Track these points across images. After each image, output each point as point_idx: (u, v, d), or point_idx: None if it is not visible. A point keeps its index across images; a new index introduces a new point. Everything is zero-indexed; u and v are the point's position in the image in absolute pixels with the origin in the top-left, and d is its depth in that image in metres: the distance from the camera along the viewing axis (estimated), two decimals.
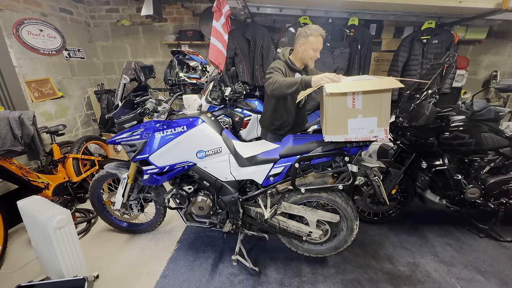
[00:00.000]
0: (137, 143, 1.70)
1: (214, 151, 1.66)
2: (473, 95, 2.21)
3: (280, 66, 1.86)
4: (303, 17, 3.21)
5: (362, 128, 1.36)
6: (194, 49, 3.77)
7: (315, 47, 1.83)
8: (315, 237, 1.76)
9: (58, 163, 2.60)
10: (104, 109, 3.64)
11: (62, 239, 1.53)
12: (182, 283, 1.74)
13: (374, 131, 1.36)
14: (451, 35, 3.13)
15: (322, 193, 1.67)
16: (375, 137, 1.37)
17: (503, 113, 1.96)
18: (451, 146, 1.97)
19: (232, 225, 1.78)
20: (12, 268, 1.87)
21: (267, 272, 1.83)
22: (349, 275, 1.80)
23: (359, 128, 1.36)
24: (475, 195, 2.02)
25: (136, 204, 2.03)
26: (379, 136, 1.37)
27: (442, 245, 2.11)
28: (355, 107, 1.33)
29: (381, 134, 1.36)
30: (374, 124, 1.34)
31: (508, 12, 2.55)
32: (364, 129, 1.36)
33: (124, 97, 2.28)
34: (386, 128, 1.35)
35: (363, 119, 1.34)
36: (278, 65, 1.87)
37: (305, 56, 1.88)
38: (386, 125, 1.34)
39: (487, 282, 1.76)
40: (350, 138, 1.39)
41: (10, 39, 2.74)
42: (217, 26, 2.45)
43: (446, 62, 1.86)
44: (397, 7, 2.75)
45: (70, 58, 3.51)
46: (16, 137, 2.00)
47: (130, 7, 3.85)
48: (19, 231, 2.26)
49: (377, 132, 1.36)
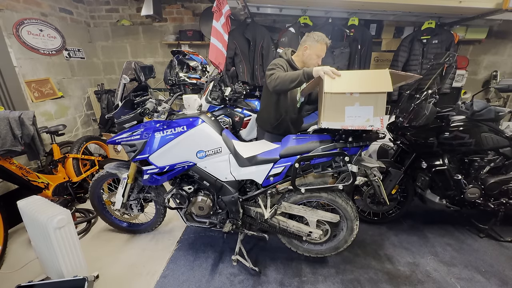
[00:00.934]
0: (137, 143, 1.70)
1: (214, 151, 1.66)
2: (473, 95, 2.21)
3: (283, 64, 1.87)
4: (303, 17, 3.21)
5: (358, 116, 1.38)
6: (194, 49, 3.77)
7: (319, 54, 1.87)
8: (315, 237, 1.76)
9: (58, 163, 2.60)
10: (104, 109, 3.64)
11: (62, 239, 1.53)
12: (182, 283, 1.74)
13: (370, 120, 1.37)
14: (451, 35, 3.13)
15: (322, 193, 1.67)
16: (371, 126, 1.38)
17: (503, 113, 1.96)
18: (451, 146, 1.97)
19: (232, 225, 1.78)
20: (12, 268, 1.87)
21: (267, 272, 1.83)
22: (349, 275, 1.80)
23: (356, 116, 1.38)
24: (475, 195, 2.02)
25: (136, 204, 2.03)
26: (374, 125, 1.37)
27: (442, 245, 2.11)
28: (353, 95, 1.36)
29: (376, 123, 1.37)
30: (370, 113, 1.36)
31: (508, 12, 2.56)
32: (360, 117, 1.38)
33: (124, 97, 2.28)
34: (381, 118, 1.36)
35: (360, 107, 1.36)
36: (281, 62, 1.87)
37: (309, 61, 1.90)
38: (381, 115, 1.36)
39: (487, 282, 1.76)
40: (347, 125, 1.41)
41: (10, 39, 2.74)
42: (217, 26, 2.45)
43: (446, 62, 1.86)
44: (397, 7, 2.76)
45: (70, 58, 3.51)
46: (16, 137, 2.00)
47: (130, 7, 3.85)
48: (19, 231, 2.26)
49: (373, 121, 1.37)
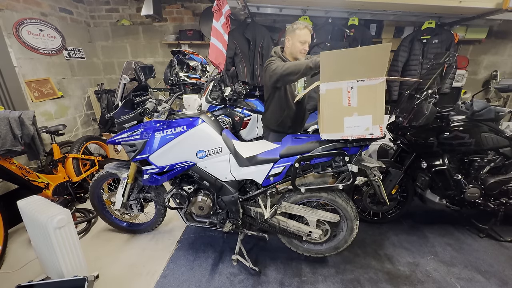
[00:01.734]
0: (137, 143, 1.70)
1: (214, 151, 1.66)
2: (473, 95, 2.21)
3: (277, 60, 1.89)
4: (303, 17, 3.21)
5: (357, 126, 1.39)
6: (194, 49, 3.77)
7: (302, 40, 1.88)
8: (315, 237, 1.76)
9: (58, 163, 2.60)
10: (104, 109, 3.64)
11: (62, 239, 1.53)
12: (182, 283, 1.74)
13: (370, 129, 1.38)
14: (451, 35, 3.13)
15: (322, 193, 1.67)
16: (371, 134, 1.39)
17: (503, 113, 1.96)
18: (451, 146, 1.97)
19: (232, 225, 1.78)
20: (12, 268, 1.87)
21: (267, 272, 1.83)
22: (349, 275, 1.80)
23: (355, 126, 1.39)
24: (475, 195, 2.02)
25: (136, 204, 2.03)
26: (374, 133, 1.38)
27: (442, 245, 2.11)
28: (351, 105, 1.36)
29: (376, 131, 1.38)
30: (369, 121, 1.37)
31: (508, 12, 2.56)
32: (359, 127, 1.39)
33: (124, 97, 2.29)
34: (381, 126, 1.36)
35: (358, 117, 1.37)
36: (275, 59, 1.90)
37: (294, 50, 1.92)
38: (380, 123, 1.36)
39: (487, 282, 1.76)
40: (346, 136, 1.42)
41: (10, 39, 2.74)
42: (217, 26, 2.44)
43: (446, 62, 1.86)
44: (397, 7, 2.76)
45: (70, 58, 3.51)
46: (16, 137, 2.00)
47: (130, 7, 3.85)
48: (19, 231, 2.26)
49: (372, 130, 1.38)
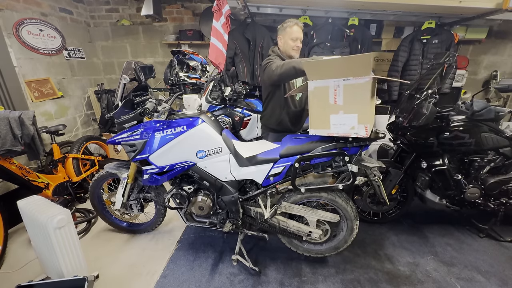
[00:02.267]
0: (137, 143, 1.70)
1: (214, 151, 1.66)
2: (473, 95, 2.21)
3: (275, 58, 1.89)
4: (303, 17, 3.21)
5: (343, 124, 1.39)
6: (194, 49, 3.77)
7: (293, 37, 1.88)
8: (315, 237, 1.76)
9: (58, 163, 2.60)
10: (104, 109, 3.64)
11: (62, 239, 1.53)
12: (182, 283, 1.74)
13: (355, 128, 1.37)
14: (451, 35, 3.13)
15: (322, 193, 1.67)
16: (356, 133, 1.38)
17: (503, 113, 1.96)
18: (451, 146, 1.97)
19: (232, 225, 1.78)
20: (12, 268, 1.87)
21: (267, 272, 1.83)
22: (349, 275, 1.80)
23: (340, 124, 1.40)
24: (475, 195, 2.02)
25: (136, 204, 2.03)
26: (359, 133, 1.37)
27: (442, 245, 2.11)
28: (337, 103, 1.37)
29: (361, 131, 1.36)
30: (354, 120, 1.36)
31: (508, 12, 2.56)
32: (345, 125, 1.39)
33: (124, 97, 2.29)
34: (366, 126, 1.35)
35: (344, 115, 1.38)
36: (273, 57, 1.90)
37: (287, 48, 1.93)
38: (367, 123, 1.35)
39: (487, 282, 1.76)
40: (332, 133, 1.44)
41: (10, 39, 2.74)
42: (217, 26, 2.44)
43: (446, 62, 1.86)
44: (397, 7, 2.76)
45: (70, 58, 3.50)
46: (16, 137, 2.00)
47: (130, 7, 3.85)
48: (19, 231, 2.26)
49: (357, 129, 1.37)
